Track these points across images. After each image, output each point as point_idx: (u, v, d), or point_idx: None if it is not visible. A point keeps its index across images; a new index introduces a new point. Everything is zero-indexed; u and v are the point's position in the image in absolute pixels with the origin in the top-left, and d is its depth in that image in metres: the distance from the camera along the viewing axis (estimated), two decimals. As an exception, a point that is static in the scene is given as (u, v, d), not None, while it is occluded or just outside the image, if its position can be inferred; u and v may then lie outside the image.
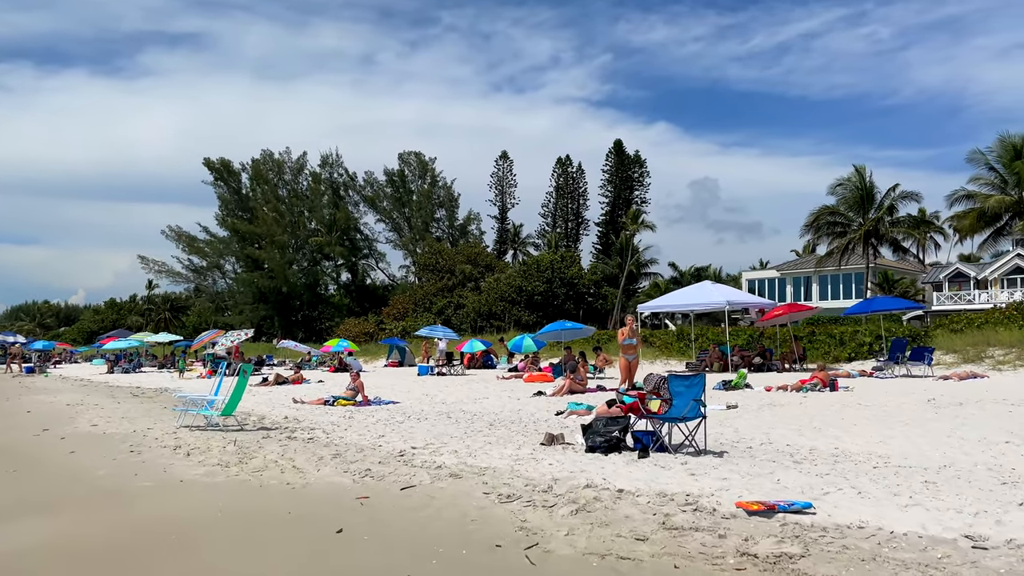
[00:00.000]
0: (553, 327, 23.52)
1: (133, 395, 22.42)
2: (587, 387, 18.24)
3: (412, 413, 15.21)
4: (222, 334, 35.88)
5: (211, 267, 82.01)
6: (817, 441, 9.84)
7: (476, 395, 19.10)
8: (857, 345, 26.11)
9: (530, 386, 21.21)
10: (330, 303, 79.32)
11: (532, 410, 15.17)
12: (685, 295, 25.55)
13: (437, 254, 67.51)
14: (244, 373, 11.69)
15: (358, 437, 10.71)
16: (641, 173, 79.85)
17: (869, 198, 42.84)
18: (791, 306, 25.61)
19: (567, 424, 12.62)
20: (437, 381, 24.76)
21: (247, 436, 10.97)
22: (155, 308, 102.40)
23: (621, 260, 67.16)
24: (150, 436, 11.31)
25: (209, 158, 78.92)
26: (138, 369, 40.35)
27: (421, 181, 77.49)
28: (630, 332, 15.59)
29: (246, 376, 11.71)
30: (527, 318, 57.82)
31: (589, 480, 6.76)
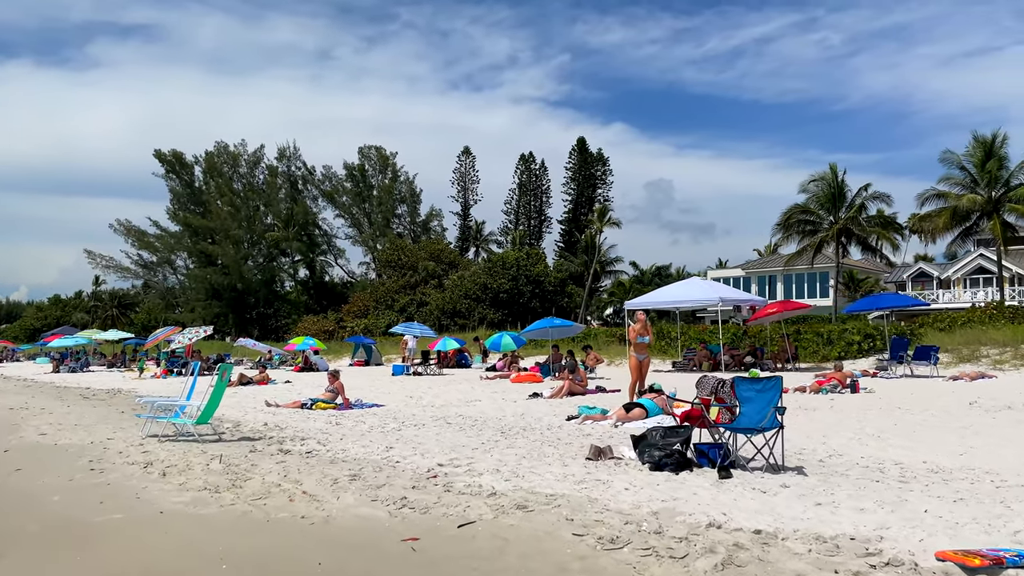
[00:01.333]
0: (540, 324, 22.09)
1: (84, 397, 20.34)
2: (587, 388, 16.84)
3: (404, 418, 13.63)
4: (177, 331, 33.64)
5: (161, 262, 78.70)
6: (889, 452, 8.57)
7: (465, 397, 17.56)
8: (846, 344, 25.21)
9: (519, 387, 19.75)
10: (287, 300, 76.70)
11: (537, 414, 13.72)
12: (674, 291, 24.34)
13: (399, 250, 65.56)
14: (223, 375, 9.98)
15: (362, 449, 9.11)
16: (604, 171, 79.00)
17: (840, 197, 42.33)
18: (784, 303, 24.60)
19: (588, 431, 11.20)
20: (416, 381, 23.13)
21: (230, 449, 9.29)
22: (102, 305, 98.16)
23: (587, 258, 66.06)
24: (112, 448, 9.54)
25: (160, 150, 75.76)
26: (86, 368, 37.81)
27: (382, 176, 75.40)
28: (643, 329, 14.21)
29: (224, 379, 10.01)
30: (492, 316, 56.31)
31: (706, 515, 5.33)
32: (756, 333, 28.21)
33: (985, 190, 38.42)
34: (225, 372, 10.08)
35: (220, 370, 10.05)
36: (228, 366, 10.38)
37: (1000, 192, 37.96)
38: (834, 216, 42.78)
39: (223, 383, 9.99)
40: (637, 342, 14.28)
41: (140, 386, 24.90)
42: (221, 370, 10.03)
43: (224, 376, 9.98)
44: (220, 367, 10.19)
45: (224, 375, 9.99)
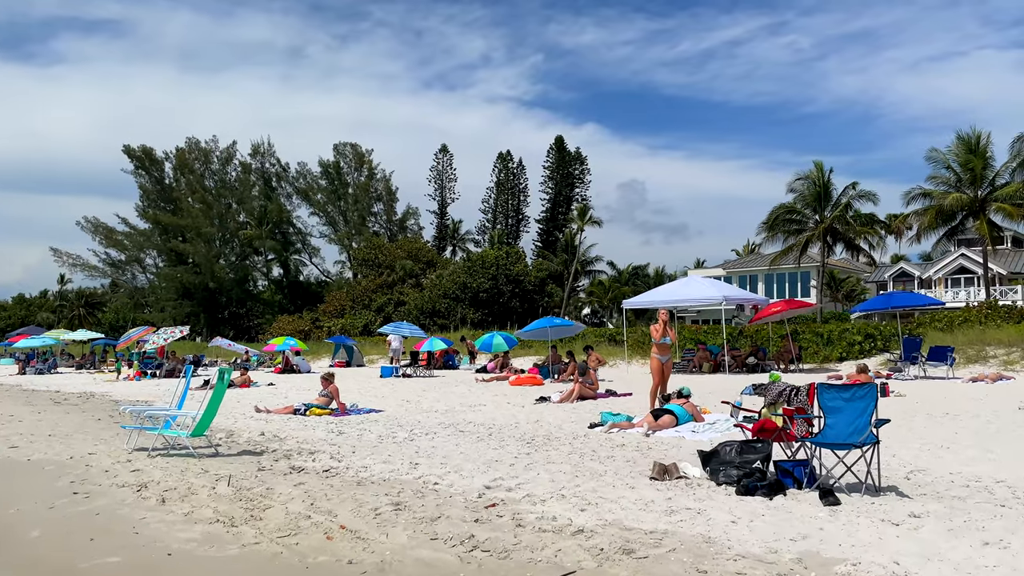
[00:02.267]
0: (539, 324, 20.99)
1: (55, 402, 18.89)
2: (597, 391, 15.83)
3: (410, 425, 12.52)
4: (151, 331, 32.07)
5: (130, 261, 76.35)
6: (977, 467, 7.65)
7: (466, 401, 16.44)
8: (847, 344, 24.49)
9: (519, 391, 18.68)
10: (260, 300, 74.78)
11: (553, 420, 12.67)
12: (675, 290, 23.40)
13: (376, 249, 64.13)
14: (222, 378, 8.79)
15: (385, 466, 7.99)
16: (582, 170, 78.20)
17: (826, 195, 41.82)
18: (789, 302, 23.80)
19: (619, 440, 10.19)
20: (407, 384, 21.95)
21: (233, 466, 8.12)
22: (68, 304, 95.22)
23: (567, 257, 65.16)
24: (96, 465, 8.31)
25: (129, 145, 73.44)
26: (53, 370, 35.99)
27: (357, 173, 73.82)
28: (665, 328, 13.23)
29: (224, 383, 8.82)
30: (473, 316, 55.20)
31: (877, 565, 4.30)
32: (752, 333, 27.45)
33: (971, 189, 38.10)
34: (225, 375, 8.88)
35: (220, 373, 8.85)
36: (228, 369, 9.17)
37: (986, 191, 37.67)
38: (820, 215, 42.26)
39: (223, 388, 8.80)
40: (660, 343, 13.28)
41: (113, 389, 23.44)
42: (220, 373, 8.83)
43: (223, 381, 8.79)
44: (220, 370, 8.98)
45: (223, 379, 8.80)
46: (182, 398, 9.62)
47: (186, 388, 9.71)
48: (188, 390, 9.70)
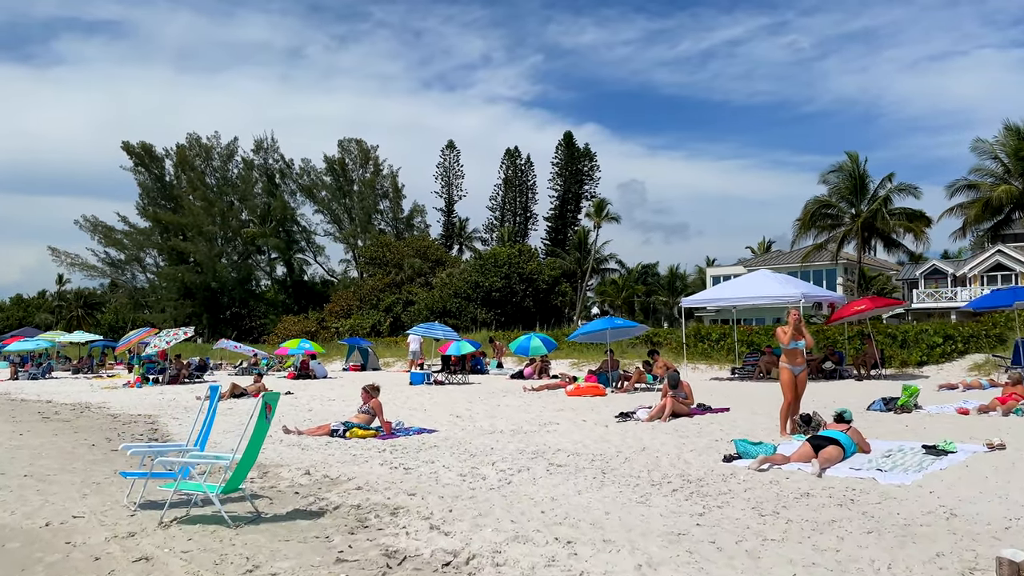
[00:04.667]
0: (598, 325, 18.12)
1: (43, 417, 16.08)
2: (693, 407, 13.09)
3: (483, 453, 9.84)
4: (153, 333, 29.22)
5: (130, 260, 73.32)
6: None
7: (530, 417, 13.68)
8: (927, 347, 21.80)
9: (581, 403, 15.95)
10: (264, 300, 71.84)
11: (663, 449, 9.94)
12: (741, 287, 20.64)
13: (383, 247, 61.24)
14: (266, 411, 6.04)
15: (522, 548, 5.23)
16: (591, 167, 75.47)
17: (862, 188, 39.12)
18: (875, 299, 21.06)
19: (787, 482, 7.48)
20: (446, 393, 19.17)
21: (292, 546, 5.36)
22: (67, 305, 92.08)
23: (580, 255, 62.42)
24: (83, 544, 5.52)
25: (128, 141, 70.42)
26: (48, 374, 33.09)
27: (363, 170, 70.93)
28: (797, 332, 10.51)
29: (269, 417, 6.09)
30: (485, 316, 52.45)
31: None
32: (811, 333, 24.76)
33: (1019, 180, 35.50)
34: (271, 406, 6.13)
35: (264, 403, 6.09)
36: (275, 395, 6.41)
37: (1038, 183, 35.14)
38: (856, 209, 39.58)
39: (265, 423, 6.05)
40: (789, 348, 10.55)
41: (112, 398, 20.63)
42: (265, 403, 6.07)
43: (269, 415, 6.05)
44: (264, 397, 6.22)
45: (269, 411, 6.05)
46: (205, 430, 6.83)
47: (211, 415, 6.91)
48: (214, 416, 6.90)
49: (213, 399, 6.77)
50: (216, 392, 6.74)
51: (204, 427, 6.79)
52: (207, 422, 6.87)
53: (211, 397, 6.82)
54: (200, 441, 6.72)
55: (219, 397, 6.78)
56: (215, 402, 6.72)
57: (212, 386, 6.78)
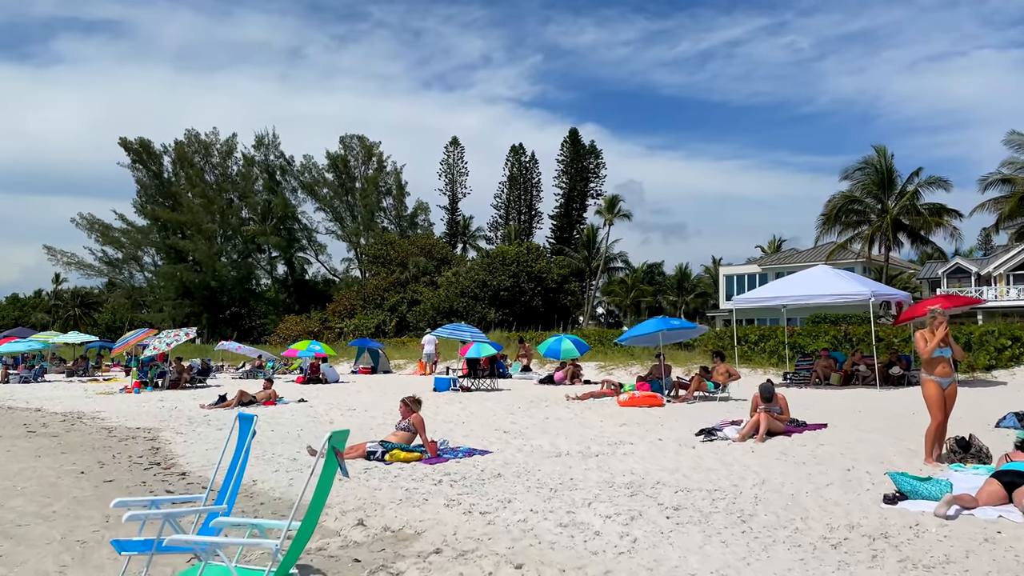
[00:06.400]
0: (651, 326, 15.96)
1: (28, 431, 13.98)
2: (787, 424, 11.07)
3: (568, 486, 7.85)
4: (153, 334, 27.10)
5: (128, 259, 71.00)
6: None
7: (597, 435, 11.64)
8: (995, 350, 19.84)
9: (641, 414, 13.94)
10: (264, 299, 69.60)
11: (786, 481, 7.94)
12: (800, 284, 18.62)
13: (388, 245, 59.09)
14: (338, 457, 4.05)
15: None
16: (597, 164, 73.43)
17: (890, 183, 37.15)
18: (950, 298, 19.10)
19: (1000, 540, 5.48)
20: (478, 402, 17.12)
21: None
22: (63, 304, 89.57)
23: (587, 254, 60.36)
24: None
25: (126, 138, 68.11)
26: (41, 377, 30.93)
27: (365, 167, 68.74)
28: (943, 336, 8.52)
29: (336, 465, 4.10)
30: (493, 316, 50.40)
31: None
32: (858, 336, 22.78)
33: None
34: (339, 451, 4.13)
35: (331, 446, 4.08)
36: (343, 433, 4.38)
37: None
38: (884, 205, 37.60)
39: (331, 476, 4.07)
40: (933, 357, 8.55)
41: (107, 406, 18.53)
42: (332, 444, 4.06)
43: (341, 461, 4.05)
44: (331, 436, 4.20)
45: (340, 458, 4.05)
46: (236, 478, 4.77)
47: (242, 456, 4.84)
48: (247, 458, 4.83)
49: (245, 434, 4.71)
50: (249, 426, 4.69)
51: (234, 474, 4.73)
52: (237, 464, 4.80)
53: (242, 431, 4.77)
54: (228, 493, 4.66)
55: (253, 432, 4.70)
56: (248, 439, 4.66)
57: (243, 415, 4.73)
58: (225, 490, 4.71)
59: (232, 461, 4.80)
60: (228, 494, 4.60)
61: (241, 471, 4.64)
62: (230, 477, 4.74)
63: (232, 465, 4.77)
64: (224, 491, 4.73)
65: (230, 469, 4.80)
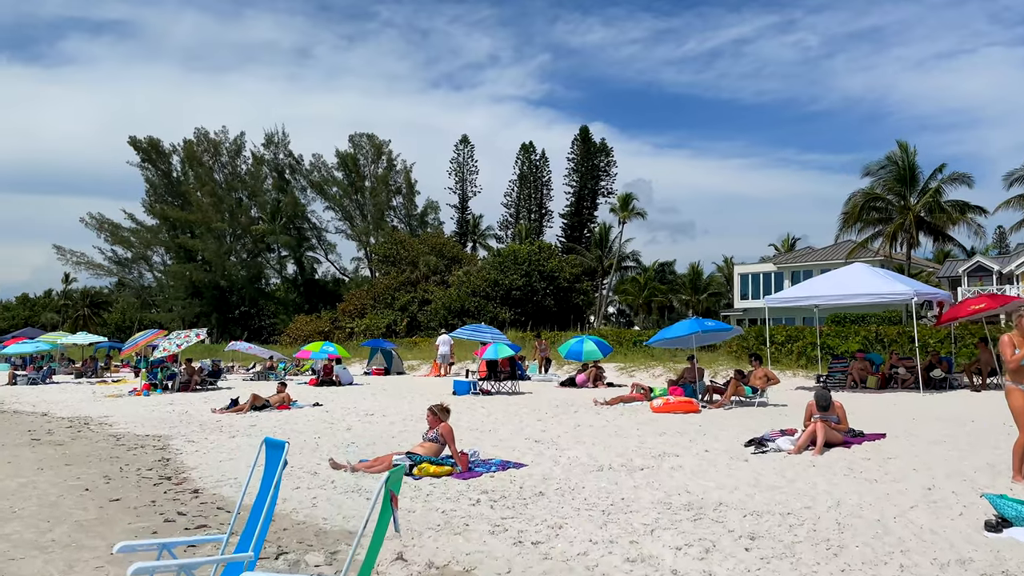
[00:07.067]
0: (685, 328, 15.15)
1: (32, 438, 13.23)
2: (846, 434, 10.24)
3: (616, 507, 7.04)
4: (163, 335, 26.38)
5: (137, 258, 70.48)
6: None
7: (637, 445, 10.83)
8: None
9: (679, 421, 13.12)
10: (274, 298, 68.94)
11: (861, 500, 7.15)
12: (837, 283, 17.71)
13: (398, 244, 58.31)
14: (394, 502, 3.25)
15: None
16: (608, 162, 72.52)
17: (912, 179, 36.18)
18: (995, 297, 18.17)
19: None
20: (501, 407, 16.33)
21: None
22: (73, 304, 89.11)
23: (600, 252, 59.46)
24: None
25: (135, 137, 67.57)
26: (49, 378, 30.27)
27: (375, 166, 68.00)
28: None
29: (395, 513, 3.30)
30: (504, 315, 49.60)
31: None
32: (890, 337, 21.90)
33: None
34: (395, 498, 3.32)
35: (387, 491, 3.27)
36: (399, 472, 3.58)
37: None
38: (906, 201, 36.61)
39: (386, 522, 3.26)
40: (1022, 365, 7.68)
41: (116, 410, 17.82)
42: (388, 487, 3.26)
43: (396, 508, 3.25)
44: (388, 482, 3.40)
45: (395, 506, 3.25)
46: (264, 517, 3.96)
47: (270, 489, 4.04)
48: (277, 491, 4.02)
49: (275, 465, 3.91)
50: (280, 455, 3.88)
51: (261, 513, 3.92)
52: (265, 502, 3.98)
53: (270, 459, 3.96)
54: (255, 537, 3.86)
55: (284, 462, 3.89)
56: (279, 470, 3.85)
57: (271, 441, 3.92)
58: (250, 532, 3.91)
59: (259, 496, 4.00)
60: (255, 538, 3.79)
61: (270, 510, 3.83)
62: (256, 515, 3.94)
63: (259, 501, 3.97)
64: (249, 533, 3.92)
65: (256, 505, 4.00)
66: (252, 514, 4.00)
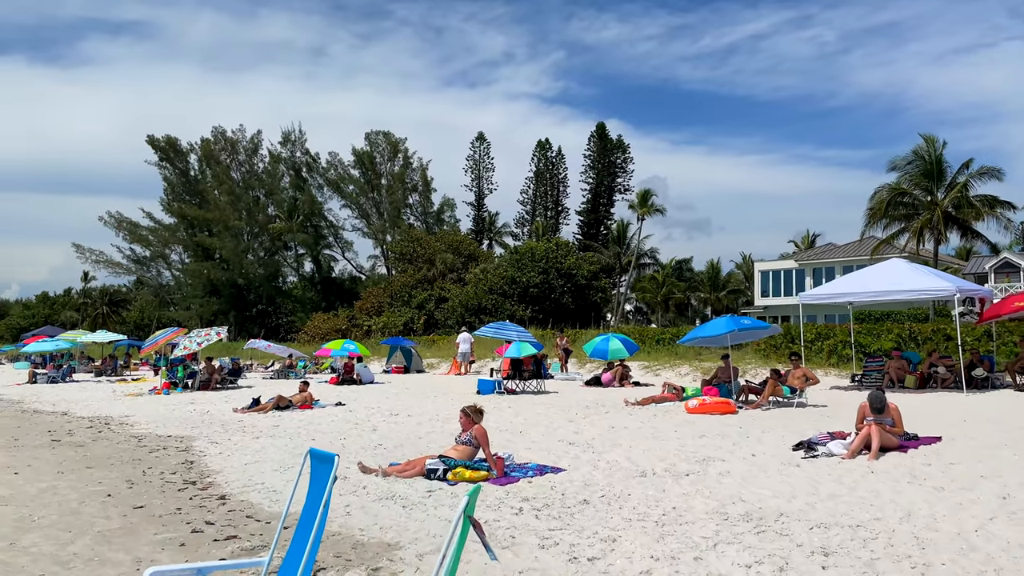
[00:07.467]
0: (721, 326, 14.61)
1: (52, 439, 12.89)
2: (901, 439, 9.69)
3: (668, 518, 6.58)
4: (182, 333, 26.11)
5: (155, 257, 70.53)
6: None
7: (678, 449, 10.34)
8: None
9: (718, 423, 12.62)
10: (291, 296, 68.79)
11: (934, 512, 6.64)
12: (875, 279, 17.07)
13: (414, 242, 57.97)
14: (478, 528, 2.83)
15: None
16: (624, 159, 71.80)
17: (940, 174, 35.35)
18: None
19: None
20: (529, 407, 15.87)
21: None
22: (92, 303, 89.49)
23: (619, 249, 58.84)
24: None
25: (153, 135, 67.61)
26: (69, 377, 30.10)
27: (391, 163, 67.67)
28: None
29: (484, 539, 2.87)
30: (522, 313, 49.13)
31: None
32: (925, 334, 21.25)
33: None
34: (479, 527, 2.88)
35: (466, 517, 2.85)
36: (475, 492, 3.14)
37: None
38: (933, 196, 35.81)
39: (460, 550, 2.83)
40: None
41: (136, 409, 17.52)
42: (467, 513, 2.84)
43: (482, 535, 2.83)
44: (467, 508, 2.98)
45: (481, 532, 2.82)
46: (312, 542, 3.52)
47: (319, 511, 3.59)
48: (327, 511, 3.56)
49: (323, 481, 3.46)
50: (330, 470, 3.43)
51: (309, 538, 3.47)
52: (313, 525, 3.52)
53: (317, 474, 3.52)
54: (301, 567, 3.41)
55: (335, 478, 3.45)
56: (328, 487, 3.40)
57: (317, 452, 3.49)
58: (295, 557, 3.46)
59: (304, 515, 3.56)
60: (302, 565, 3.35)
61: (319, 533, 3.39)
62: (301, 536, 3.49)
63: (304, 521, 3.52)
64: (294, 558, 3.48)
65: (302, 525, 3.55)
66: (297, 536, 3.56)
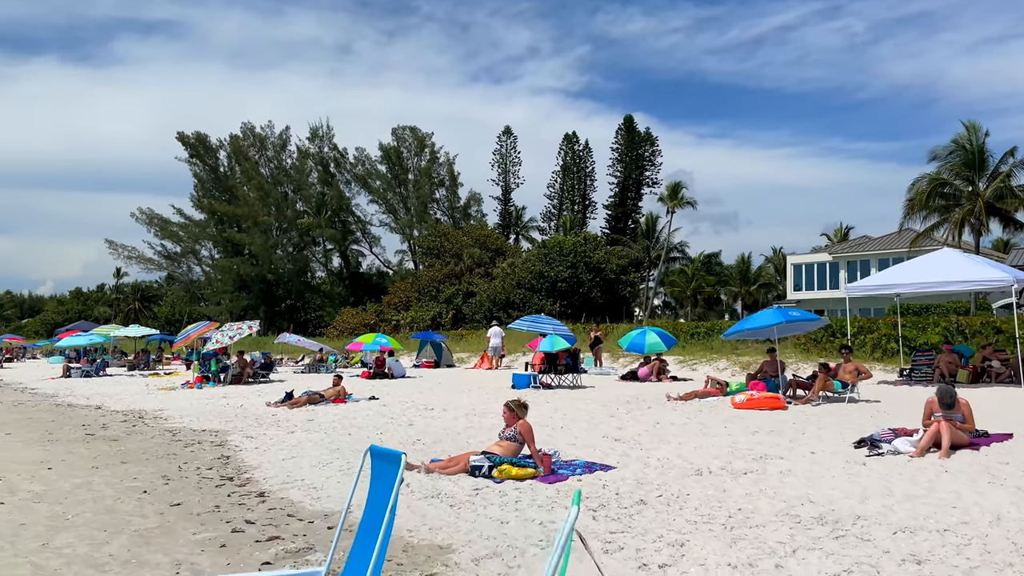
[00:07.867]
0: (768, 318, 14.02)
1: (86, 432, 12.71)
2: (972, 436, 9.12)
3: (739, 521, 6.15)
4: (214, 327, 26.01)
5: (186, 253, 70.99)
6: None
7: (731, 446, 9.86)
8: None
9: (759, 418, 12.09)
10: (319, 291, 68.91)
11: (1020, 514, 6.09)
12: (925, 270, 16.40)
13: (442, 236, 57.67)
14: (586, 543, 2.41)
15: None
16: (653, 151, 70.93)
17: (981, 164, 34.27)
18: None
19: None
20: (567, 403, 15.43)
21: None
22: (124, 298, 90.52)
23: (648, 243, 58.09)
24: None
25: (183, 132, 68.00)
26: (102, 371, 30.20)
27: (418, 158, 67.44)
28: None
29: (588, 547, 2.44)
30: (550, 308, 48.67)
31: None
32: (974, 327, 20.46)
33: None
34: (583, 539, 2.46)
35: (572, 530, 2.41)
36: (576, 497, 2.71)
37: None
38: (975, 187, 34.74)
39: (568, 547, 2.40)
40: None
41: (170, 403, 17.37)
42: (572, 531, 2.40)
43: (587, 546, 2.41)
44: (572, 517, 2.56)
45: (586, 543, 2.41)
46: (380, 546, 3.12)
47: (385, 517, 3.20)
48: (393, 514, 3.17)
49: (389, 482, 3.05)
50: (397, 470, 3.02)
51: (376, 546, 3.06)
52: (380, 532, 3.11)
53: (380, 474, 3.11)
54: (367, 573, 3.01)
55: (401, 479, 3.03)
56: (396, 488, 2.99)
57: (377, 450, 3.08)
58: (358, 568, 3.05)
59: (364, 520, 3.14)
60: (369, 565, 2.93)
61: (385, 541, 2.97)
62: (365, 544, 3.08)
63: (367, 527, 3.11)
64: (358, 570, 3.07)
65: (363, 531, 3.15)
66: (358, 542, 3.16)
